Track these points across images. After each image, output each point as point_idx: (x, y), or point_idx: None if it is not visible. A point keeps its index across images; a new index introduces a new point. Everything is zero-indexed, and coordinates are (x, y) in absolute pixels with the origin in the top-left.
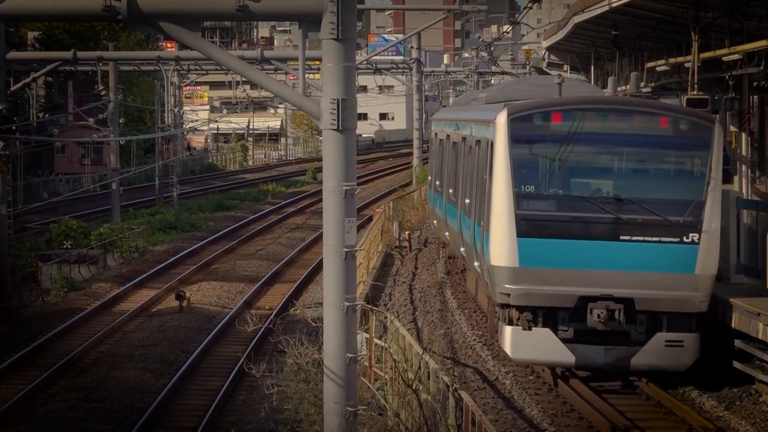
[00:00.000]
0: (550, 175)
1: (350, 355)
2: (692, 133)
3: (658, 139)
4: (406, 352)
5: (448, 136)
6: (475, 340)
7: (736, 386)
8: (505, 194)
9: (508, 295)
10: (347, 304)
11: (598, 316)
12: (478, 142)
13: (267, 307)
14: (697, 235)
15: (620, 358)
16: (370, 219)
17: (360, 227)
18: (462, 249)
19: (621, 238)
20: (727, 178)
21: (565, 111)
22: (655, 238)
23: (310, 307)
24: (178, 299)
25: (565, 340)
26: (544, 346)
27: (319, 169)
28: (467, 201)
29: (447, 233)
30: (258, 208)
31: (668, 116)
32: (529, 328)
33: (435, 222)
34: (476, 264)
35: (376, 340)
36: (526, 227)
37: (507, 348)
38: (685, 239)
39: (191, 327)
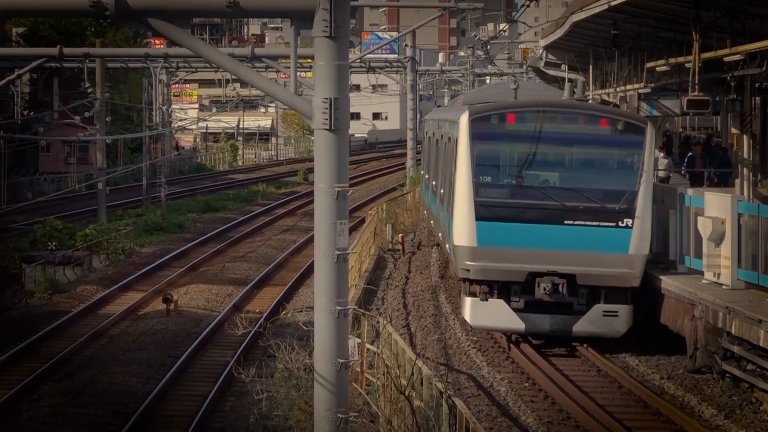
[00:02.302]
0: (505, 168)
1: (342, 361)
2: (628, 133)
3: (598, 138)
4: (399, 358)
5: (434, 134)
6: (469, 345)
7: (734, 395)
8: (466, 183)
9: (468, 270)
10: (339, 308)
11: (545, 289)
12: (449, 138)
13: (257, 311)
14: (630, 220)
15: (563, 326)
16: (363, 221)
17: (352, 229)
18: (440, 234)
19: (565, 222)
20: (726, 180)
21: (518, 112)
22: (594, 223)
23: (300, 311)
24: (166, 302)
25: (516, 310)
26: (498, 314)
27: (311, 170)
28: (442, 191)
29: (432, 222)
30: (248, 210)
31: (607, 117)
32: (486, 299)
33: (425, 213)
34: (447, 246)
35: (368, 346)
36: (484, 212)
37: (467, 316)
38: (620, 224)
39: (179, 331)
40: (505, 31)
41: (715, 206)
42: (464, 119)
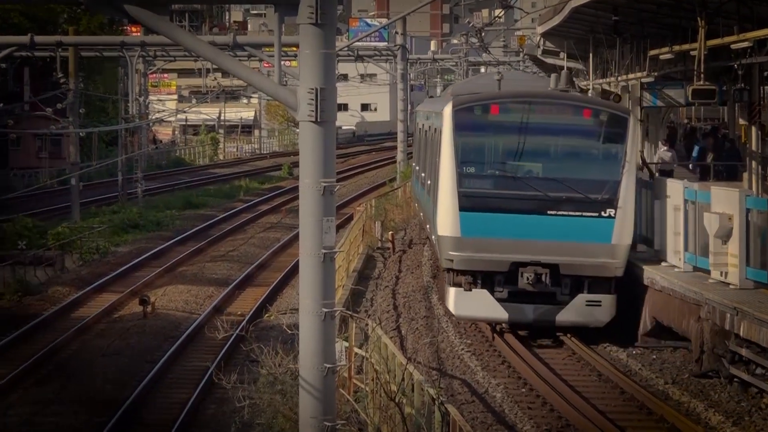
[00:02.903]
0: (489, 158)
1: (328, 366)
2: (610, 124)
3: (581, 128)
4: (389, 363)
5: (424, 126)
6: (463, 349)
7: (743, 400)
8: (449, 174)
9: (452, 260)
10: (325, 310)
11: (528, 279)
12: (435, 130)
13: (239, 313)
14: (613, 210)
15: (546, 315)
16: (351, 218)
17: (339, 227)
18: (428, 227)
19: (548, 212)
20: (734, 174)
21: (502, 103)
22: (577, 213)
23: (285, 314)
24: (142, 304)
25: (500, 300)
26: (482, 304)
27: (296, 164)
28: (429, 182)
29: (422, 215)
30: (229, 206)
31: (590, 108)
32: (470, 289)
33: (416, 207)
34: (433, 237)
35: (356, 350)
36: (468, 202)
37: (451, 306)
38: (603, 214)
39: (156, 334)
40: (500, 17)
41: (721, 201)
42: (448, 110)
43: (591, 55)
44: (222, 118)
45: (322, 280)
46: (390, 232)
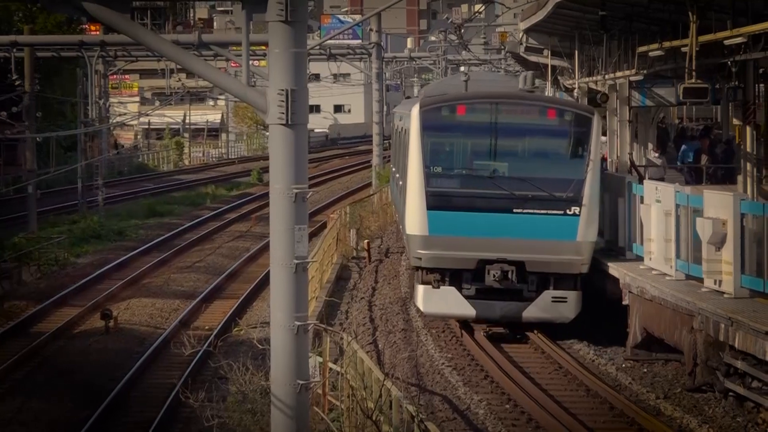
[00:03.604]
0: (456, 158)
1: (301, 382)
2: (575, 123)
3: (546, 128)
4: (366, 378)
5: (398, 127)
6: (443, 363)
7: (738, 415)
8: (417, 174)
9: (420, 258)
10: (298, 323)
11: (494, 276)
12: (405, 131)
13: (206, 327)
14: (578, 208)
15: (513, 312)
16: (324, 226)
17: (312, 235)
18: (401, 227)
19: (514, 210)
20: (729, 176)
21: (468, 104)
22: (542, 211)
23: (255, 327)
24: (104, 318)
25: (467, 297)
26: (450, 301)
27: (266, 170)
28: (401, 183)
29: (397, 216)
30: (195, 214)
31: (555, 108)
32: (438, 287)
33: (394, 210)
34: (404, 237)
35: (330, 365)
36: (435, 201)
37: (419, 304)
38: (568, 212)
39: (119, 350)
40: (480, 12)
41: (715, 206)
42: (415, 111)
43: (577, 52)
44: (187, 121)
45: (294, 292)
46: (366, 241)
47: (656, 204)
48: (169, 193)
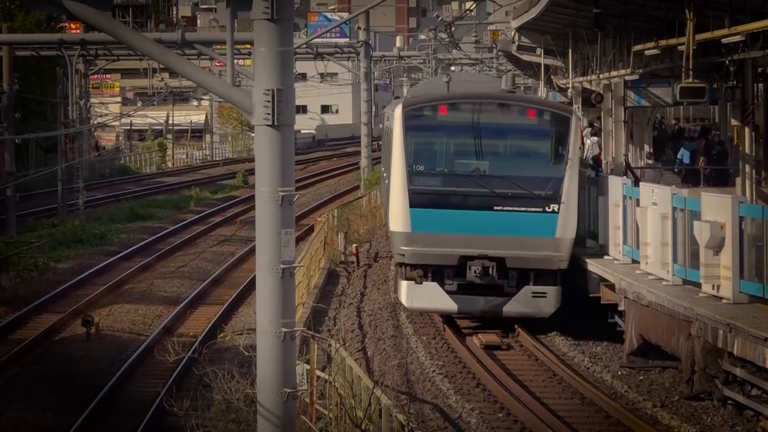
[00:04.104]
0: (437, 157)
1: (288, 390)
2: (554, 123)
3: (526, 128)
4: (354, 386)
5: (385, 127)
6: (434, 371)
7: (738, 424)
8: (400, 172)
9: (404, 255)
10: (284, 330)
11: (476, 272)
12: (390, 130)
13: (191, 334)
14: (557, 205)
15: (494, 307)
16: (311, 230)
17: (299, 239)
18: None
19: (495, 208)
20: (723, 178)
21: (450, 104)
22: (522, 208)
23: (241, 334)
24: (86, 325)
25: (449, 292)
26: (432, 296)
27: (251, 172)
28: (386, 182)
29: (385, 219)
30: (179, 218)
31: (534, 108)
32: (421, 282)
33: (383, 211)
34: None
35: (318, 373)
36: (417, 199)
37: (403, 299)
38: (547, 209)
39: (101, 357)
40: (471, 10)
41: (713, 209)
42: (398, 111)
43: (570, 51)
44: (170, 122)
45: (281, 298)
46: (354, 245)
47: (652, 207)
48: (151, 196)
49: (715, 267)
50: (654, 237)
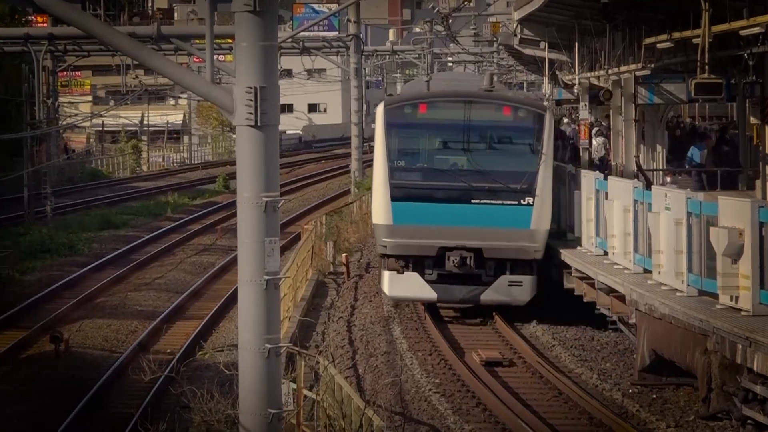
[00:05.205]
0: (418, 153)
1: (273, 411)
2: (529, 119)
3: (502, 124)
4: (344, 407)
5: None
6: (431, 390)
7: None
8: (382, 167)
9: (386, 246)
10: (269, 346)
11: (454, 262)
12: (374, 128)
13: (168, 351)
14: (531, 198)
15: (472, 295)
16: (298, 238)
17: (285, 248)
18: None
19: (472, 201)
20: (735, 182)
21: (429, 102)
22: (498, 201)
23: (221, 351)
24: (54, 342)
25: (429, 281)
26: (413, 286)
27: (232, 176)
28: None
29: None
30: (155, 226)
31: (510, 105)
32: (402, 273)
33: None
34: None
35: (305, 392)
36: (398, 193)
37: (385, 288)
38: (522, 202)
39: (71, 376)
40: (470, 1)
41: (730, 214)
42: (380, 109)
43: (577, 44)
44: (145, 122)
45: (265, 312)
46: (344, 254)
47: (665, 212)
48: (125, 202)
49: (734, 276)
50: (667, 244)
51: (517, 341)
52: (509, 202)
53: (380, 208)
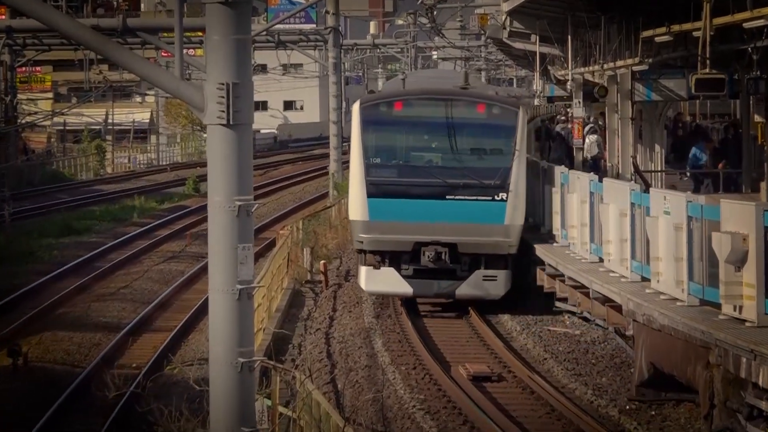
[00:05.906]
0: (393, 150)
1: (246, 430)
2: (502, 116)
3: (476, 121)
4: (323, 425)
5: None
6: (414, 406)
7: None
8: (358, 165)
9: (362, 242)
10: (241, 360)
11: (429, 257)
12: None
13: (133, 366)
14: (505, 194)
15: (447, 289)
16: (273, 244)
17: (259, 255)
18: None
19: (447, 197)
20: (736, 184)
21: (404, 100)
22: (472, 197)
23: (191, 365)
24: (12, 356)
25: (405, 276)
26: (389, 281)
27: (203, 178)
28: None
29: None
30: (120, 232)
31: (483, 103)
32: (379, 268)
33: None
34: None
35: (281, 409)
36: (374, 190)
37: (362, 283)
38: (496, 197)
39: (30, 393)
40: None
41: (734, 218)
42: (356, 107)
43: (570, 38)
44: (110, 121)
45: (238, 323)
46: (322, 262)
47: (664, 216)
48: (88, 206)
49: (737, 285)
50: (667, 251)
51: (507, 354)
52: (483, 198)
53: (356, 204)
